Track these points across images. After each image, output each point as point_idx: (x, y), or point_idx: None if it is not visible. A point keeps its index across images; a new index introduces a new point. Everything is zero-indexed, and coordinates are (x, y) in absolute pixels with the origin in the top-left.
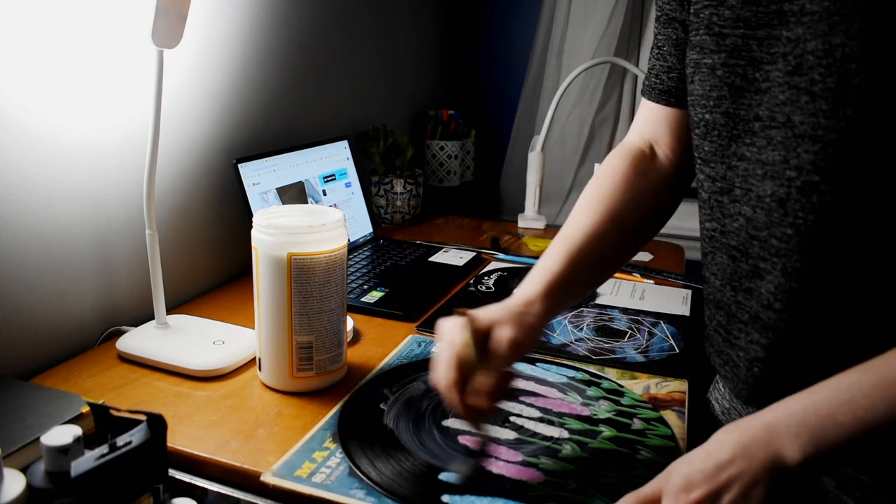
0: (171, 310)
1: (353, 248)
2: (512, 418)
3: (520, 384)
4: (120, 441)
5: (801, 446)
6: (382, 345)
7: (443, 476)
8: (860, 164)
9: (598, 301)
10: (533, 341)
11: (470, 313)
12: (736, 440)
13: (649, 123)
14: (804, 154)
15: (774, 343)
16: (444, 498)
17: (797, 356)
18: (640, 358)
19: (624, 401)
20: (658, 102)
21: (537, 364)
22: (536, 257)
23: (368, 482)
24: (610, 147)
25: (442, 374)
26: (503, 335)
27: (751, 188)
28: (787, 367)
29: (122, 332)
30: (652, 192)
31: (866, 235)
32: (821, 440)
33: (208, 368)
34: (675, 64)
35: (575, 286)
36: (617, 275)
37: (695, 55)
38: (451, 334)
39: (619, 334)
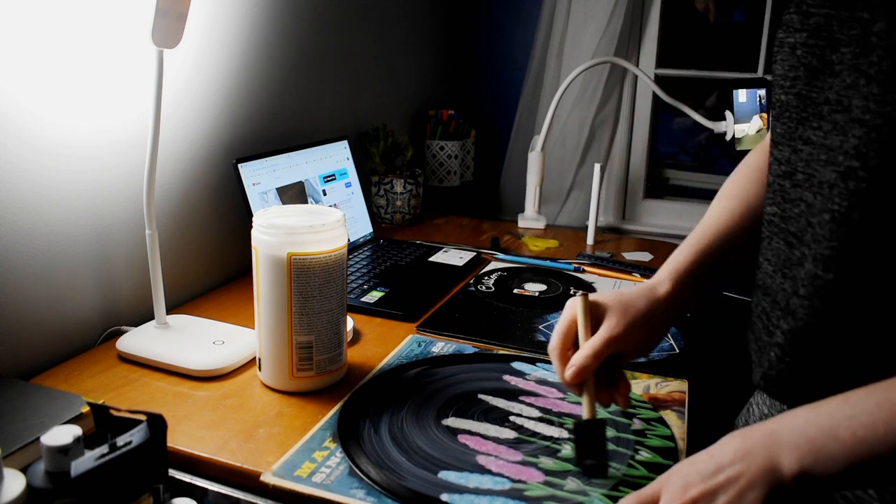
0: (171, 310)
1: (353, 248)
2: (512, 418)
3: (520, 384)
4: (120, 441)
5: (799, 457)
6: (382, 345)
7: (442, 475)
8: None
9: None
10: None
11: (587, 296)
12: (738, 444)
13: None
14: (852, 139)
15: (793, 330)
16: (444, 497)
17: (814, 347)
18: (640, 358)
19: None
20: None
21: (537, 364)
22: (536, 257)
23: (368, 482)
24: (610, 147)
25: (552, 340)
26: (602, 326)
27: (814, 173)
28: (803, 356)
29: (122, 332)
30: None
31: None
32: (819, 453)
33: (208, 368)
34: None
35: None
36: (617, 275)
37: (781, 33)
38: (570, 309)
39: None
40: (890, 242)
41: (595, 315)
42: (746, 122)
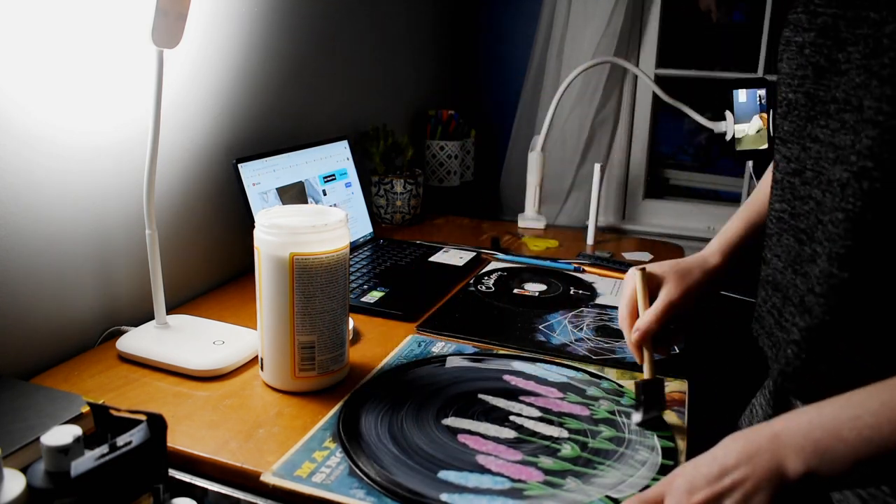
0: (171, 310)
1: (353, 248)
2: (512, 418)
3: (520, 384)
4: (120, 441)
5: (805, 458)
6: (382, 345)
7: (442, 475)
8: None
9: (598, 301)
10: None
11: (645, 269)
12: (742, 447)
13: None
14: (865, 139)
15: (810, 327)
16: (444, 497)
17: (830, 344)
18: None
19: (624, 401)
20: None
21: (537, 364)
22: (536, 257)
23: (368, 482)
24: (610, 147)
25: (620, 311)
26: (662, 292)
27: (822, 171)
28: (820, 353)
29: (122, 332)
30: None
31: None
32: (824, 454)
33: (208, 368)
34: None
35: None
36: (617, 275)
37: (788, 32)
38: (630, 281)
39: (619, 334)
40: None
41: (651, 285)
42: (746, 122)
